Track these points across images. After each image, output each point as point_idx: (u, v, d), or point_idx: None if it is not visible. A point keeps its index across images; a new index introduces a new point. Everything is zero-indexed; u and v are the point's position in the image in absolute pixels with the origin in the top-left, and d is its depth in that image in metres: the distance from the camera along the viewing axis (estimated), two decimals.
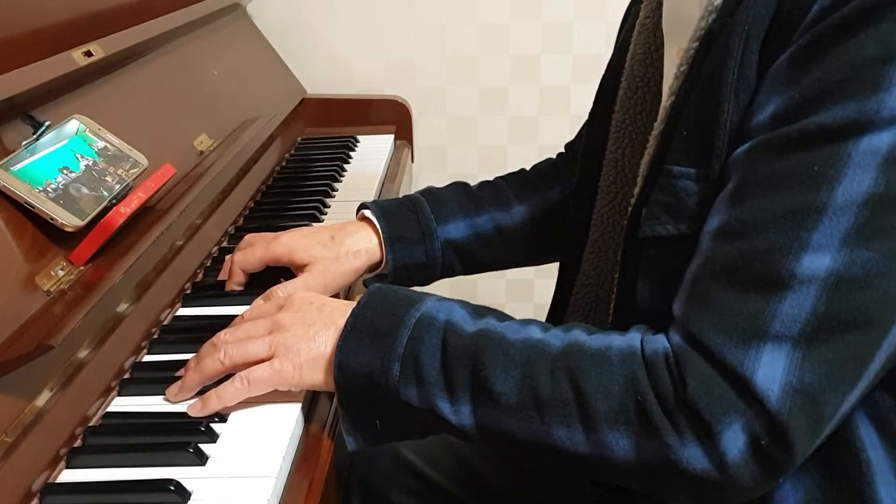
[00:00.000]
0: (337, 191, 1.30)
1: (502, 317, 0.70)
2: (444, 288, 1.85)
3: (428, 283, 1.01)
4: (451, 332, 0.68)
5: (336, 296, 0.91)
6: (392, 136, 1.58)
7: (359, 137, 1.55)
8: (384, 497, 1.01)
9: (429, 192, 1.02)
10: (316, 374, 0.72)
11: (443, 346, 0.67)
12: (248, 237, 0.97)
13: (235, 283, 0.94)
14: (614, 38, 0.93)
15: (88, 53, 0.93)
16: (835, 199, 0.57)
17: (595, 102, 0.90)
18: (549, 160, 1.09)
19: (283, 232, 0.95)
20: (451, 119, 1.76)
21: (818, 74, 0.58)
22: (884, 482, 0.64)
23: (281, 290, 0.86)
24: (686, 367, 0.60)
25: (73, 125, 0.86)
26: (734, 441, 0.58)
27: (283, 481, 0.68)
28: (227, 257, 0.96)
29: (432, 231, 0.97)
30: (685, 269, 0.65)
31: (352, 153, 1.48)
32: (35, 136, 0.81)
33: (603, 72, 0.91)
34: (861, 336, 0.58)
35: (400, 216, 0.97)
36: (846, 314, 0.57)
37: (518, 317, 0.71)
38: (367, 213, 0.97)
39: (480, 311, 0.71)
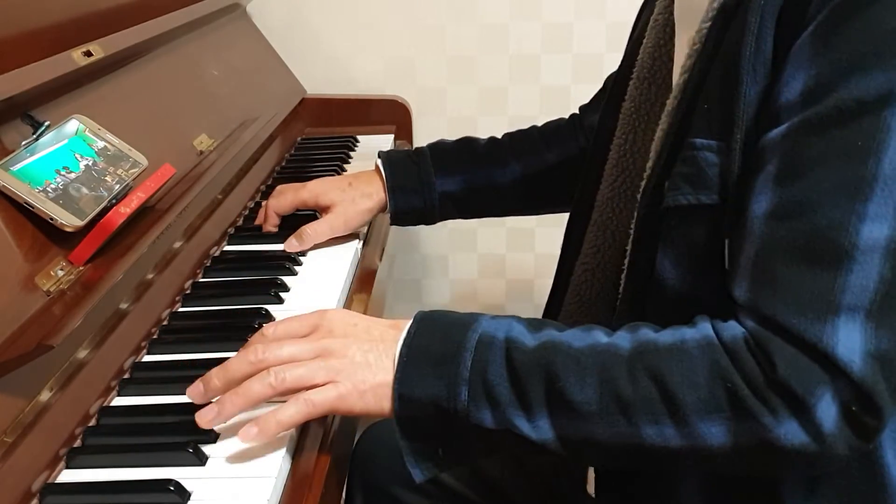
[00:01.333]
0: None
1: (560, 327, 0.70)
2: (444, 288, 1.85)
3: (431, 224, 1.15)
4: (515, 349, 0.67)
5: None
6: (392, 136, 1.58)
7: (359, 137, 1.55)
8: (387, 493, 1.01)
9: (435, 146, 1.15)
10: (381, 402, 0.69)
11: (509, 364, 0.67)
12: (280, 187, 1.13)
13: (271, 225, 1.10)
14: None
15: (88, 53, 0.93)
16: (883, 169, 0.59)
17: (608, 94, 0.95)
18: (558, 120, 1.18)
19: (310, 181, 1.11)
20: (451, 119, 1.76)
21: (843, 48, 0.60)
22: None
23: (317, 315, 0.76)
24: (769, 348, 0.61)
25: (72, 125, 0.86)
26: (827, 411, 0.60)
27: (282, 481, 0.68)
28: (263, 203, 1.12)
29: (431, 182, 1.10)
30: (708, 239, 0.68)
31: (352, 153, 1.48)
32: (35, 136, 0.81)
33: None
34: None
35: (403, 167, 1.11)
36: None
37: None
38: (378, 162, 1.12)
39: (536, 324, 0.70)
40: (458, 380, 0.67)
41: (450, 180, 1.11)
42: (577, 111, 1.18)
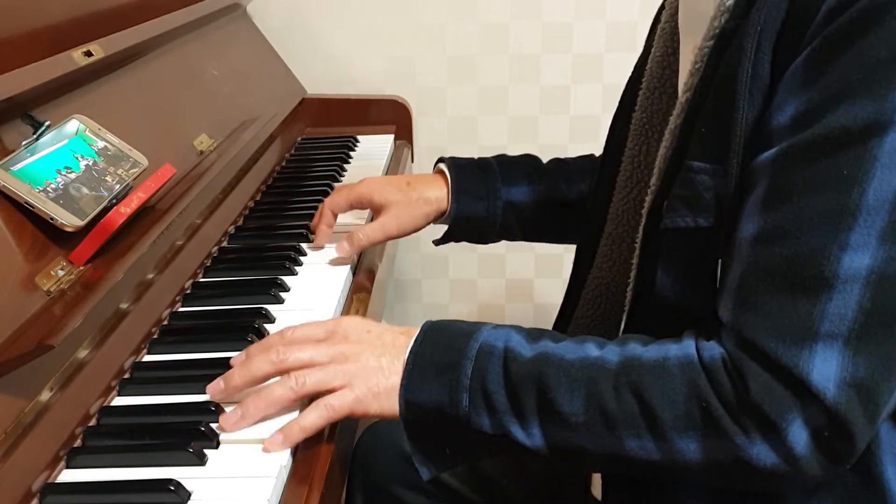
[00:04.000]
0: None
1: (557, 337, 0.72)
2: (444, 288, 1.85)
3: (485, 241, 1.10)
4: (512, 359, 0.70)
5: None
6: (392, 136, 1.58)
7: (359, 137, 1.55)
8: (388, 492, 1.01)
9: (500, 157, 1.10)
10: (394, 405, 0.72)
11: (506, 373, 0.69)
12: (338, 186, 1.11)
13: (326, 224, 1.06)
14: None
15: (88, 53, 0.93)
16: (866, 199, 0.59)
17: (620, 101, 0.94)
18: None
19: (367, 177, 1.08)
20: (451, 119, 1.76)
21: (834, 76, 0.60)
22: None
23: (333, 322, 0.79)
24: (745, 371, 0.62)
25: (72, 125, 0.86)
26: (799, 436, 0.61)
27: (282, 481, 0.68)
28: (320, 206, 1.08)
29: (497, 190, 1.06)
30: (703, 259, 0.68)
31: (352, 153, 1.48)
32: (35, 136, 0.81)
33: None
34: None
35: (469, 172, 1.06)
36: (892, 308, 0.60)
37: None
38: (442, 165, 1.07)
39: (535, 334, 0.73)
40: (459, 387, 0.70)
41: (516, 190, 1.07)
42: None
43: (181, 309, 0.93)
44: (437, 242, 1.09)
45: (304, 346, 0.74)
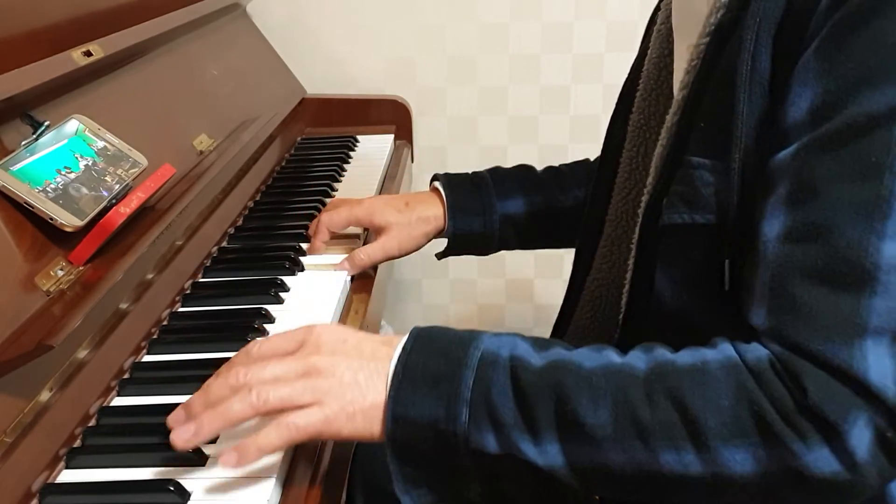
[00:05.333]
0: (337, 191, 1.30)
1: (567, 346, 0.66)
2: (444, 288, 1.85)
3: (486, 253, 1.11)
4: (520, 368, 0.63)
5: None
6: (392, 136, 1.58)
7: (359, 137, 1.55)
8: (388, 493, 1.01)
9: (494, 171, 1.10)
10: (371, 425, 0.65)
11: (514, 383, 0.63)
12: (335, 200, 1.11)
13: (321, 241, 1.05)
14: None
15: (88, 53, 0.93)
16: None
17: (616, 104, 0.93)
18: None
19: (366, 198, 1.08)
20: (451, 119, 1.76)
21: (849, 64, 0.59)
22: None
23: (304, 331, 0.71)
24: (799, 372, 0.58)
25: (72, 125, 0.86)
26: (861, 438, 0.57)
27: (282, 481, 0.68)
28: (316, 218, 1.07)
29: (492, 205, 1.06)
30: (704, 258, 0.67)
31: (352, 153, 1.48)
32: (35, 136, 0.81)
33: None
34: None
35: (464, 188, 1.07)
36: None
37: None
38: (437, 184, 1.08)
39: (542, 343, 0.67)
40: (458, 399, 0.63)
41: (511, 202, 1.07)
42: None
43: (181, 309, 0.93)
44: (440, 256, 1.10)
45: (267, 362, 0.66)
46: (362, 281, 1.03)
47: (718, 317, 0.66)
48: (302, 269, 1.01)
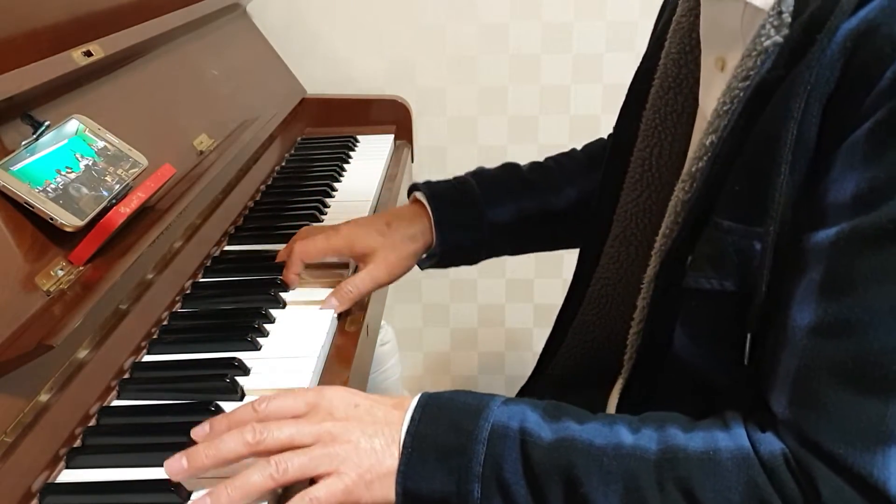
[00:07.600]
0: (337, 191, 1.30)
1: (579, 415, 0.65)
2: (444, 288, 1.85)
3: (475, 263, 1.04)
4: (531, 443, 0.63)
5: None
6: (392, 136, 1.58)
7: (359, 137, 1.55)
8: None
9: (479, 175, 1.04)
10: (389, 493, 0.64)
11: (525, 461, 0.62)
12: (306, 229, 1.01)
13: (293, 272, 0.96)
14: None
15: (88, 53, 0.93)
16: None
17: (627, 95, 0.89)
18: (598, 141, 1.09)
19: (342, 224, 0.98)
20: (451, 119, 1.76)
21: None
22: None
23: (314, 393, 0.69)
24: (813, 473, 0.56)
25: (72, 125, 0.86)
26: None
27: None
28: (285, 247, 0.99)
29: (480, 213, 0.99)
30: (729, 325, 0.63)
31: (352, 153, 1.48)
32: (35, 136, 0.81)
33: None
34: None
35: (449, 199, 0.99)
36: None
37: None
38: (419, 195, 1.00)
39: (552, 412, 0.65)
40: (469, 476, 0.62)
41: (501, 210, 1.00)
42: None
43: (181, 309, 0.93)
44: (423, 266, 1.01)
45: (282, 423, 0.65)
46: None
47: (736, 380, 0.64)
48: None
